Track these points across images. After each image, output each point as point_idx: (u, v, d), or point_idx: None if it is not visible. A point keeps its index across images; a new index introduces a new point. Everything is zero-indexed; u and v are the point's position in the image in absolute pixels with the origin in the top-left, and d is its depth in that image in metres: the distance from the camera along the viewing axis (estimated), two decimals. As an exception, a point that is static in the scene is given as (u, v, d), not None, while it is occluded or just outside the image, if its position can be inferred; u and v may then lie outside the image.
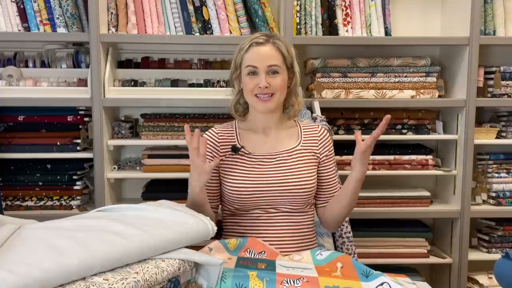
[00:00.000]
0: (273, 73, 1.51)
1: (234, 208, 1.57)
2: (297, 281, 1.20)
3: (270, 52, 1.52)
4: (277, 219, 1.54)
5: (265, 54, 1.51)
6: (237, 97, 1.62)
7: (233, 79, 1.60)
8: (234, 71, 1.58)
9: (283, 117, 1.63)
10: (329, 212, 1.61)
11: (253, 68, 1.51)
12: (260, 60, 1.51)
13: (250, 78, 1.52)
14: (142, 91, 2.11)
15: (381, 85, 2.18)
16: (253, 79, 1.51)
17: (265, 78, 1.50)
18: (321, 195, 1.63)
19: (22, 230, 1.16)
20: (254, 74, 1.52)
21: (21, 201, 2.12)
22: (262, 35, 1.56)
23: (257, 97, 1.52)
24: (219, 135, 1.60)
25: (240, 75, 1.56)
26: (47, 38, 2.09)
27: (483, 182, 2.31)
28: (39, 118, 2.14)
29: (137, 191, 2.20)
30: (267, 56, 1.51)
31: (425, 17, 2.42)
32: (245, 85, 1.54)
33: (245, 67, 1.53)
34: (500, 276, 1.46)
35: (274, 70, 1.51)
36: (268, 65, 1.51)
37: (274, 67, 1.51)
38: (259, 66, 1.51)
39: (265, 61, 1.51)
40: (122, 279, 0.99)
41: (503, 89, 2.24)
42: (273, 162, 1.55)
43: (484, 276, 2.28)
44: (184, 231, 1.20)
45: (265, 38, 1.54)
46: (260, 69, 1.51)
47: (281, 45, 1.54)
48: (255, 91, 1.52)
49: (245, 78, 1.53)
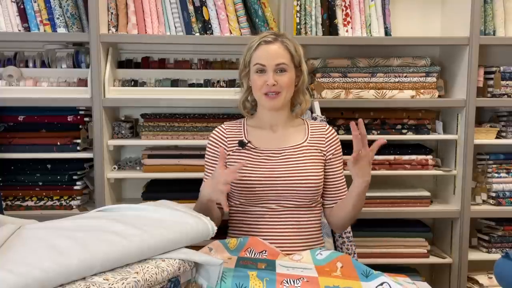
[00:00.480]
0: (281, 71, 1.55)
1: (239, 202, 1.59)
2: (297, 281, 1.20)
3: (278, 51, 1.56)
4: (282, 216, 1.56)
5: (273, 53, 1.55)
6: (246, 94, 1.67)
7: (242, 77, 1.65)
8: (243, 69, 1.62)
9: (290, 115, 1.67)
10: (334, 215, 1.63)
11: (261, 66, 1.55)
12: (268, 58, 1.55)
13: (258, 75, 1.56)
14: (142, 91, 2.11)
15: (381, 85, 2.18)
16: (261, 76, 1.55)
17: (273, 76, 1.53)
18: (328, 195, 1.64)
19: (22, 230, 1.16)
20: (262, 72, 1.56)
21: (21, 201, 2.12)
22: (271, 34, 1.60)
23: (265, 94, 1.55)
24: (227, 130, 1.65)
25: (248, 73, 1.61)
26: (47, 38, 2.09)
27: (483, 182, 2.31)
28: (39, 118, 2.14)
29: (137, 191, 2.20)
30: (275, 54, 1.55)
31: (425, 17, 2.42)
32: (253, 83, 1.58)
33: (254, 65, 1.57)
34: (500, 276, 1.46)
35: (282, 68, 1.55)
36: (276, 63, 1.54)
37: (282, 65, 1.55)
38: (267, 64, 1.54)
39: (273, 59, 1.54)
40: (122, 279, 0.99)
41: (503, 89, 2.24)
42: (279, 157, 1.58)
43: (484, 276, 2.28)
44: (184, 231, 1.20)
45: (273, 36, 1.58)
46: (268, 67, 1.54)
47: (289, 44, 1.58)
48: (263, 89, 1.55)
49: (254, 76, 1.58)
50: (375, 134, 2.22)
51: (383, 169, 2.21)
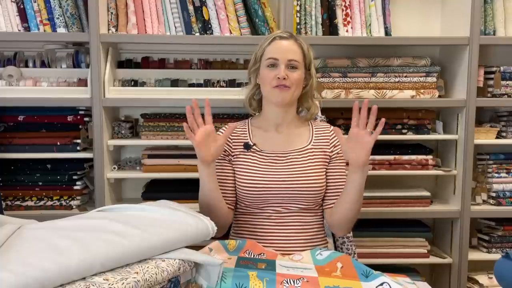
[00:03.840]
0: (292, 68, 1.55)
1: (244, 205, 1.59)
2: (297, 281, 1.20)
3: (292, 47, 1.57)
4: (287, 219, 1.56)
5: (287, 48, 1.56)
6: (253, 91, 1.67)
7: (251, 72, 1.64)
8: (253, 65, 1.62)
9: (296, 116, 1.66)
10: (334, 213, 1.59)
11: (273, 60, 1.55)
12: (281, 53, 1.55)
13: (269, 70, 1.56)
14: (142, 91, 2.11)
15: (381, 85, 2.18)
16: (272, 70, 1.55)
17: (284, 70, 1.53)
18: (328, 195, 1.62)
19: (22, 230, 1.16)
20: (274, 67, 1.55)
21: (21, 201, 2.12)
22: (286, 32, 1.62)
23: (275, 87, 1.54)
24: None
25: (258, 69, 1.60)
26: (47, 38, 2.09)
27: (483, 182, 2.31)
28: (39, 118, 2.14)
29: (137, 191, 2.20)
30: (289, 50, 1.56)
31: (425, 17, 2.42)
32: (263, 77, 1.58)
33: (266, 60, 1.57)
34: (500, 276, 1.45)
35: (293, 65, 1.56)
36: (289, 59, 1.55)
37: (294, 62, 1.56)
38: (280, 58, 1.55)
39: (286, 55, 1.55)
40: (122, 279, 0.99)
41: (503, 89, 2.24)
42: (284, 160, 1.58)
43: (484, 276, 2.28)
44: (184, 231, 1.20)
45: (288, 34, 1.60)
46: (281, 61, 1.54)
47: (302, 43, 1.60)
48: (273, 82, 1.54)
49: (264, 70, 1.57)
50: (375, 134, 2.22)
51: (383, 169, 2.21)
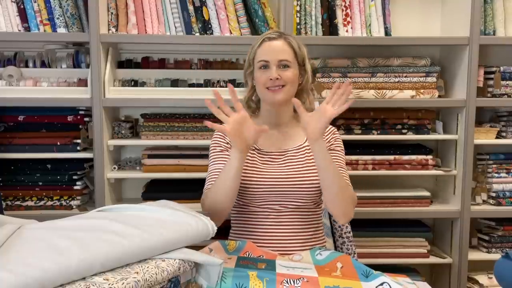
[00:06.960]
0: (284, 67, 1.55)
1: (242, 203, 1.58)
2: (297, 281, 1.20)
3: (281, 47, 1.56)
4: (285, 217, 1.56)
5: (276, 49, 1.56)
6: (250, 93, 1.67)
7: (247, 75, 1.64)
8: (248, 68, 1.62)
9: (293, 115, 1.65)
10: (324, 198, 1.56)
11: (264, 62, 1.55)
12: (271, 54, 1.55)
13: (261, 71, 1.56)
14: (142, 91, 2.11)
15: (381, 85, 2.18)
16: (265, 72, 1.55)
17: (276, 71, 1.53)
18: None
19: (22, 230, 1.16)
20: (266, 68, 1.55)
21: (21, 201, 2.12)
22: (275, 32, 1.61)
23: (268, 89, 1.55)
24: None
25: (253, 72, 1.60)
26: (47, 38, 2.09)
27: (483, 182, 2.31)
28: (39, 118, 2.14)
29: (137, 191, 2.20)
30: (278, 50, 1.56)
31: (425, 17, 2.42)
32: (257, 79, 1.58)
33: (257, 62, 1.57)
34: (500, 276, 1.46)
35: (285, 64, 1.55)
36: (279, 59, 1.54)
37: (285, 61, 1.55)
38: (270, 59, 1.54)
39: (276, 55, 1.54)
40: (122, 279, 0.99)
41: (503, 89, 2.24)
42: (282, 158, 1.58)
43: (484, 276, 2.28)
44: (184, 231, 1.20)
45: (277, 34, 1.60)
46: (271, 62, 1.54)
47: (293, 42, 1.58)
48: (266, 84, 1.55)
49: (257, 73, 1.57)
50: (375, 134, 2.22)
51: (383, 169, 2.21)
